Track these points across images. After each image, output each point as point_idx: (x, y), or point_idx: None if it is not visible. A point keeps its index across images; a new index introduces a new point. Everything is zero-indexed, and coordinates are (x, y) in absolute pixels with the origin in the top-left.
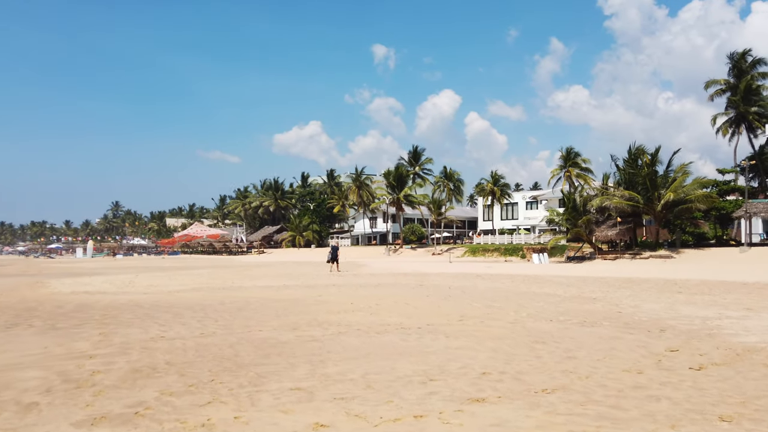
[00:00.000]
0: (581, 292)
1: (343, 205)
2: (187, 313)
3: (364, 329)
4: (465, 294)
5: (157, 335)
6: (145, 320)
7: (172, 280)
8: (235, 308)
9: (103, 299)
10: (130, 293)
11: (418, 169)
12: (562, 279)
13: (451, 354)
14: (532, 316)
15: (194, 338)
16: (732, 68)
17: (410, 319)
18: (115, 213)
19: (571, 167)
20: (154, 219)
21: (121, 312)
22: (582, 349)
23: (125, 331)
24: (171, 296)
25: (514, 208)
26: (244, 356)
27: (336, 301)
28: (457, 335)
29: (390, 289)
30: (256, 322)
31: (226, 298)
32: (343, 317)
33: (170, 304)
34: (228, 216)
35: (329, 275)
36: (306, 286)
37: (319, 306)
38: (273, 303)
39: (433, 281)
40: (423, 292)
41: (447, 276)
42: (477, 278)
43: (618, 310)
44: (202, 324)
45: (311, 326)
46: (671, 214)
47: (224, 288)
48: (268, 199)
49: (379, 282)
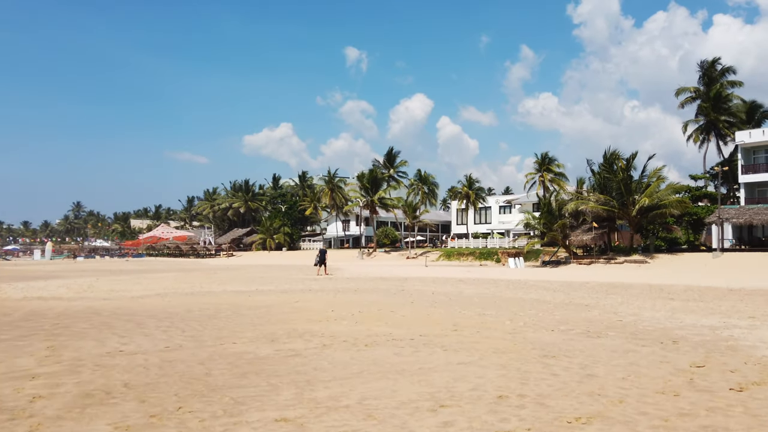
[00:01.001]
0: (570, 298)
1: (316, 207)
2: (151, 322)
3: (350, 341)
4: (452, 300)
5: (115, 349)
6: (103, 330)
7: (135, 285)
8: (204, 316)
9: (57, 306)
10: (88, 299)
11: (393, 171)
12: (546, 284)
13: (455, 371)
14: (530, 326)
15: (158, 353)
16: (702, 76)
17: (400, 328)
18: (76, 214)
19: (546, 172)
20: (118, 220)
21: (76, 321)
22: (599, 365)
23: (78, 343)
24: (133, 302)
25: (487, 212)
26: (217, 376)
27: (314, 308)
28: (455, 348)
29: (370, 294)
30: (229, 332)
31: (194, 305)
32: (325, 327)
33: (132, 311)
34: (196, 218)
35: (304, 279)
36: (280, 291)
37: (297, 314)
38: (246, 310)
39: (415, 286)
40: (406, 298)
41: (427, 281)
42: (460, 283)
43: (618, 319)
44: (168, 335)
45: (291, 338)
46: (645, 219)
47: (192, 293)
48: (237, 201)
49: (357, 287)
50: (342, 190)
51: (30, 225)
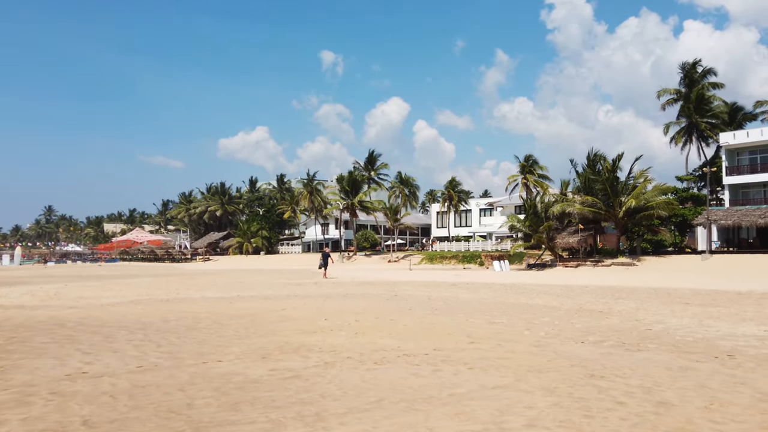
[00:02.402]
0: (579, 303)
1: (294, 210)
2: (122, 335)
3: (356, 357)
4: (452, 307)
5: (77, 370)
6: (65, 345)
7: (106, 291)
8: (182, 327)
9: (17, 316)
10: (53, 308)
11: (373, 174)
12: (544, 288)
13: (496, 399)
14: (553, 336)
15: (129, 374)
16: (683, 78)
17: (407, 341)
18: (48, 218)
19: (529, 174)
20: (91, 224)
21: (36, 333)
22: (663, 388)
23: (34, 363)
24: (103, 311)
25: (468, 215)
26: (201, 407)
27: (304, 316)
28: (482, 366)
29: (362, 301)
30: (212, 347)
31: (170, 313)
32: (322, 339)
33: (101, 321)
34: (171, 222)
35: (287, 284)
36: (263, 298)
37: (286, 323)
38: (229, 320)
39: (407, 291)
40: (403, 305)
41: (418, 285)
42: (453, 287)
43: (645, 327)
44: (141, 351)
45: (286, 353)
46: (632, 221)
47: (168, 300)
48: (214, 204)
49: (346, 292)
50: (321, 193)
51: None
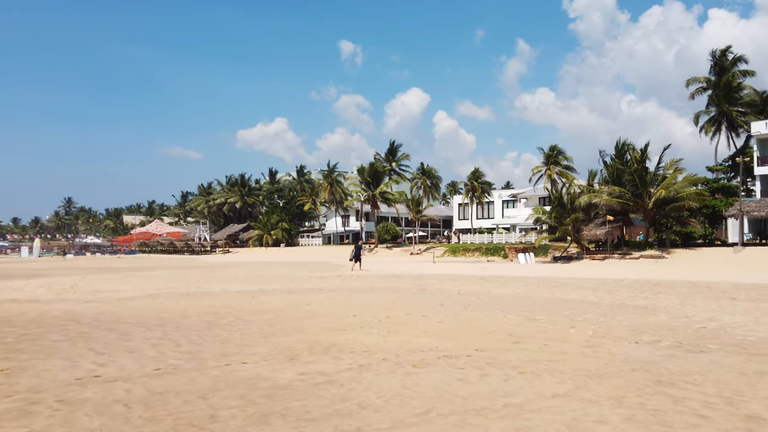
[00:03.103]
0: (618, 298)
1: (314, 202)
2: (139, 332)
3: (392, 359)
4: (485, 302)
5: (89, 373)
6: (78, 344)
7: (124, 284)
8: (203, 323)
9: (31, 310)
10: (68, 301)
11: (394, 165)
12: (578, 282)
13: (560, 411)
14: (602, 335)
15: (145, 378)
16: (713, 66)
17: (445, 340)
18: (67, 210)
19: (553, 165)
20: (110, 216)
21: (48, 330)
22: (746, 398)
23: (43, 364)
24: (120, 306)
25: (490, 207)
26: (226, 420)
27: (331, 311)
28: (532, 369)
29: (389, 295)
30: (235, 346)
31: (190, 308)
32: (353, 338)
33: (117, 317)
34: (190, 213)
35: (310, 277)
36: (286, 292)
37: (313, 320)
38: (252, 315)
39: (434, 285)
40: (432, 300)
41: (444, 278)
42: (482, 281)
43: (700, 326)
44: (159, 351)
45: (316, 354)
46: (662, 213)
47: (188, 294)
48: (233, 196)
49: (371, 286)
50: (341, 185)
51: (19, 221)
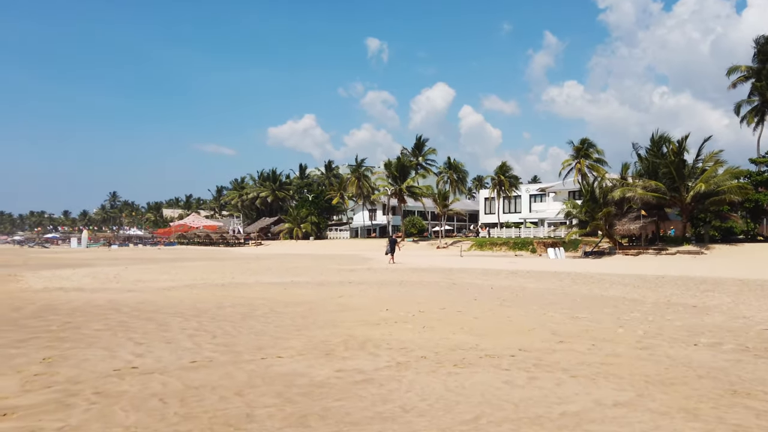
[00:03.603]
0: (663, 296)
1: (342, 196)
2: (176, 322)
3: (431, 357)
4: (520, 297)
5: (128, 363)
6: (118, 333)
7: (163, 274)
8: (238, 315)
9: (77, 299)
10: (112, 290)
11: (421, 159)
12: (613, 277)
13: (625, 423)
14: (654, 336)
15: (181, 371)
16: (757, 53)
17: (485, 337)
18: (112, 203)
19: (584, 158)
20: (151, 209)
21: (91, 319)
22: None
23: (83, 353)
24: (159, 295)
25: (517, 201)
26: (263, 420)
27: (363, 304)
28: (586, 373)
29: (420, 289)
30: (270, 339)
31: (225, 299)
32: (387, 332)
33: (156, 307)
34: (225, 207)
35: (340, 270)
36: (317, 284)
37: (346, 313)
38: (285, 307)
39: (465, 279)
40: (465, 294)
41: (475, 273)
42: (514, 276)
43: (761, 327)
44: (195, 342)
45: (351, 350)
46: (700, 207)
47: (223, 284)
48: (265, 190)
49: (401, 279)
50: (369, 179)
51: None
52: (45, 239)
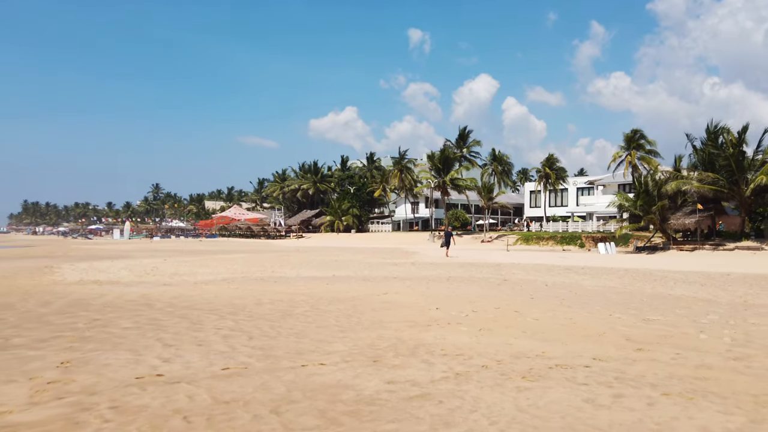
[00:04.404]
0: (736, 296)
1: (384, 189)
2: (210, 321)
3: (493, 366)
4: (579, 296)
5: (152, 369)
6: (147, 333)
7: (202, 267)
8: (277, 312)
9: (109, 293)
10: (147, 284)
11: (465, 151)
12: (675, 275)
13: None
14: (744, 344)
15: (212, 380)
16: None
17: (550, 342)
18: (155, 195)
19: (635, 150)
20: (193, 202)
21: (121, 315)
22: None
23: (106, 357)
24: (195, 290)
25: (564, 194)
26: None
27: (411, 302)
28: (680, 391)
29: (469, 285)
30: (311, 342)
31: (264, 295)
32: (440, 335)
33: (191, 302)
34: (266, 199)
35: (384, 264)
36: (361, 279)
37: (393, 312)
38: (328, 305)
39: (516, 275)
40: (519, 292)
41: (526, 268)
42: (569, 272)
43: None
44: (229, 344)
45: (402, 356)
46: (761, 201)
47: (262, 278)
48: (306, 183)
49: (448, 274)
50: (411, 171)
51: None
52: (89, 231)
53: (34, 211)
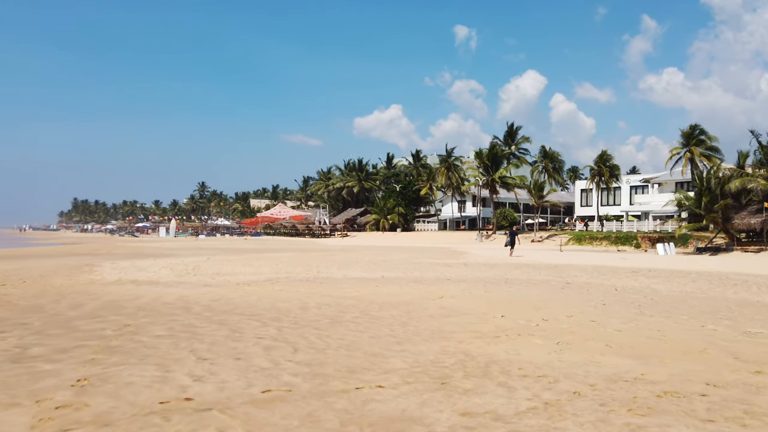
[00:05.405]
0: None
1: (431, 187)
2: (251, 328)
3: (587, 392)
4: (657, 303)
5: (180, 391)
6: (180, 342)
7: (245, 267)
8: (325, 319)
9: (146, 294)
10: (187, 285)
11: (514, 148)
12: (756, 279)
13: None
14: None
15: (248, 407)
16: None
17: (645, 361)
18: (201, 193)
19: (695, 146)
20: (239, 200)
21: (154, 321)
22: None
23: (129, 373)
24: (237, 291)
25: (616, 192)
26: None
27: (471, 308)
28: None
29: (530, 288)
30: (364, 356)
31: (310, 298)
32: (514, 350)
33: (232, 306)
34: (311, 198)
35: (435, 265)
36: (412, 281)
37: (453, 319)
38: (380, 310)
39: (578, 277)
40: (588, 297)
41: (586, 270)
42: (635, 275)
43: None
44: (271, 359)
45: (474, 377)
46: None
47: (307, 279)
48: (351, 181)
49: (505, 276)
50: (458, 169)
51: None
52: (135, 228)
53: (84, 209)
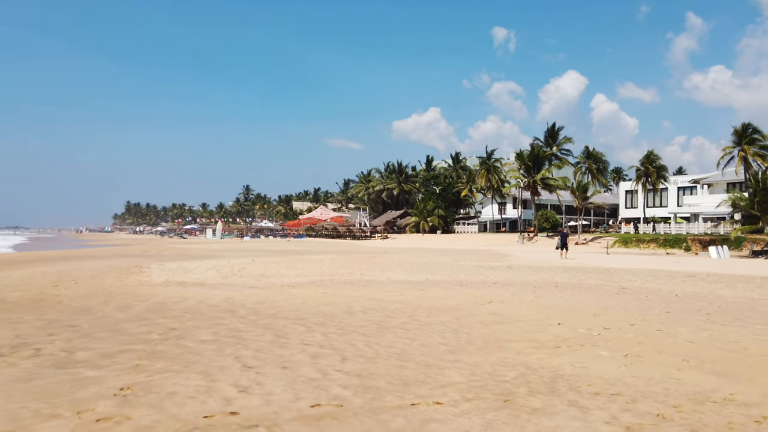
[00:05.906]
0: None
1: (471, 189)
2: (296, 333)
3: (672, 415)
4: (726, 311)
5: (225, 404)
6: (225, 348)
7: (289, 269)
8: (372, 324)
9: (193, 296)
10: (233, 286)
11: (555, 149)
12: None
13: None
14: None
15: (298, 423)
16: None
17: (728, 377)
18: (246, 196)
19: (747, 145)
20: (282, 202)
21: (200, 324)
22: None
23: (173, 382)
24: (282, 294)
25: (663, 194)
26: None
27: (523, 314)
28: None
29: (583, 293)
30: (417, 367)
31: (355, 301)
32: (579, 363)
33: (277, 309)
34: (351, 200)
35: (479, 268)
36: (457, 284)
37: (506, 326)
38: (428, 316)
39: (633, 282)
40: (648, 304)
41: (639, 274)
42: (693, 279)
43: None
44: (319, 368)
45: (539, 394)
46: None
47: (351, 281)
48: (391, 183)
49: (554, 280)
50: (498, 171)
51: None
52: (184, 230)
53: (136, 212)
